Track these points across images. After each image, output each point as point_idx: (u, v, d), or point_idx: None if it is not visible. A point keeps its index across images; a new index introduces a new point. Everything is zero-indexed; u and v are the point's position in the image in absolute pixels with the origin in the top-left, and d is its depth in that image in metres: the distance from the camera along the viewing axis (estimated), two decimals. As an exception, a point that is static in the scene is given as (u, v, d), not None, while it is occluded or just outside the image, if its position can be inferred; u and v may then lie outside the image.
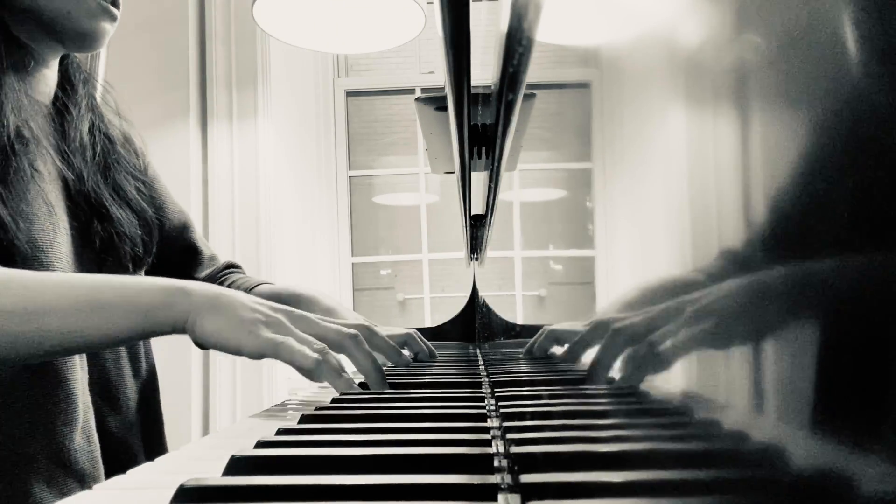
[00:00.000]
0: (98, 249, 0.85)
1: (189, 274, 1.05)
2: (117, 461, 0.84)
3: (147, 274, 0.94)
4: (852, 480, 0.09)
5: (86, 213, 0.85)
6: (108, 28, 0.86)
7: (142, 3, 2.11)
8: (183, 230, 1.06)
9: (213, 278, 1.07)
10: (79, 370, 0.79)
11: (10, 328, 0.61)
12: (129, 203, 0.91)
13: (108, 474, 0.80)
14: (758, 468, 0.13)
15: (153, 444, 0.93)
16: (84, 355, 0.80)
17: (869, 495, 0.09)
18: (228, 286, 1.04)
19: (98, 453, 0.81)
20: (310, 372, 0.68)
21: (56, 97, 0.89)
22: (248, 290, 1.03)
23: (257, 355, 0.67)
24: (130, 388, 0.89)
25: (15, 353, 0.62)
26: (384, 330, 0.96)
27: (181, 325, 0.66)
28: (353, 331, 0.75)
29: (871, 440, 0.09)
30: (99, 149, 0.91)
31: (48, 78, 0.88)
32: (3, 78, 0.78)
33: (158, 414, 0.96)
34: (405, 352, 1.01)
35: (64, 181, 0.83)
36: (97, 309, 0.63)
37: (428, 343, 1.09)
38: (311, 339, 0.70)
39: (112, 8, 0.85)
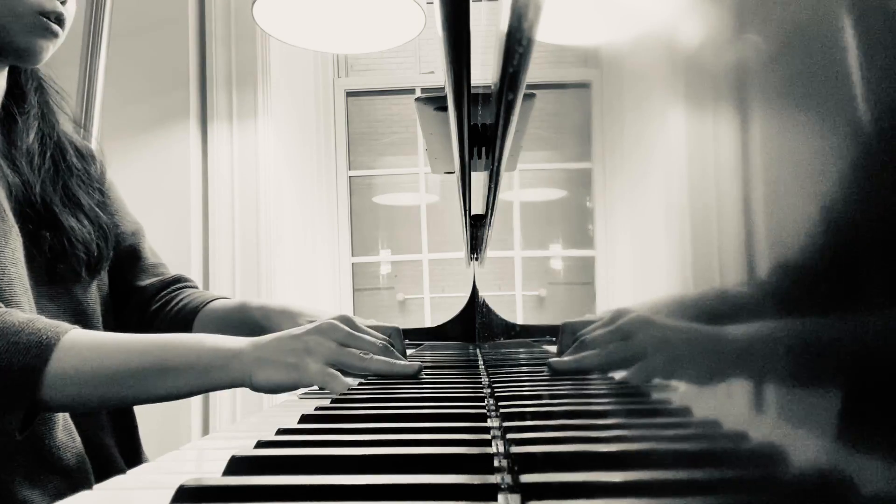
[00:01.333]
0: (49, 257, 0.85)
1: (130, 280, 1.02)
2: (94, 460, 0.84)
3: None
4: (852, 480, 0.09)
5: (34, 220, 0.84)
6: (47, 45, 0.83)
7: (142, 4, 2.11)
8: (130, 236, 1.03)
9: (161, 291, 1.04)
10: None
11: (95, 390, 0.70)
12: (83, 210, 0.91)
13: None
14: (758, 468, 0.13)
15: (127, 446, 0.93)
16: None
17: (869, 495, 0.09)
18: (179, 304, 1.02)
19: (82, 449, 0.82)
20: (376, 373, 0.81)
21: (4, 105, 0.88)
22: (202, 306, 1.01)
23: (313, 385, 0.78)
24: None
25: (92, 405, 0.73)
26: (365, 322, 0.96)
27: (238, 383, 0.75)
28: (379, 342, 0.83)
29: (872, 440, 0.09)
30: (48, 157, 0.90)
31: None
32: None
33: (131, 415, 0.96)
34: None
35: (10, 188, 0.83)
36: (163, 373, 0.72)
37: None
38: (351, 350, 0.79)
39: (54, 25, 0.82)
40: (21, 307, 0.77)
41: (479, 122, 0.93)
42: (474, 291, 2.10)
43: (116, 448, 0.90)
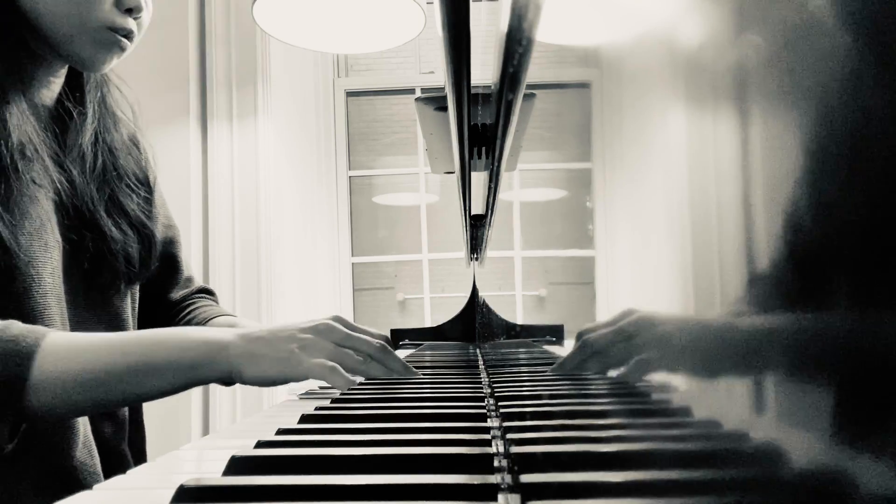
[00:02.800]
0: (88, 265, 0.84)
1: (163, 291, 1.02)
2: (112, 472, 0.83)
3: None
4: (852, 480, 0.09)
5: (77, 227, 0.83)
6: (111, 58, 0.82)
7: (142, 3, 2.10)
8: (169, 244, 1.02)
9: (181, 303, 1.04)
10: None
11: (80, 394, 0.68)
12: (129, 218, 0.89)
13: None
14: (758, 468, 0.13)
15: (137, 452, 0.93)
16: None
17: (869, 495, 0.09)
18: (189, 314, 1.02)
19: (99, 468, 0.81)
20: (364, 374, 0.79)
21: (60, 100, 0.86)
22: (206, 322, 1.00)
23: (304, 379, 0.76)
24: None
25: (77, 412, 0.70)
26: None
27: (226, 377, 0.74)
28: (377, 342, 0.82)
29: (872, 440, 0.09)
30: (100, 160, 0.88)
31: (54, 84, 0.85)
32: (9, 91, 0.76)
33: (142, 422, 0.95)
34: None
35: (58, 192, 0.81)
36: (149, 371, 0.70)
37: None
38: (348, 351, 0.78)
39: (122, 40, 0.81)
40: (52, 320, 0.76)
41: (479, 122, 0.93)
42: (474, 291, 2.10)
43: (129, 452, 0.90)
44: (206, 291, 1.09)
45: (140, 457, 0.94)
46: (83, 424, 0.79)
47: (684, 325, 0.17)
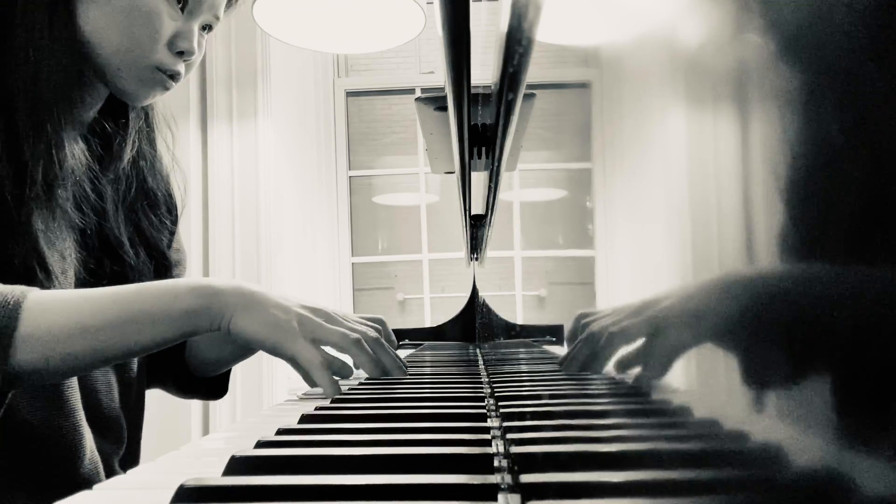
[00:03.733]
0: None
1: None
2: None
3: None
4: (852, 480, 0.09)
5: (95, 248, 0.82)
6: (154, 95, 0.82)
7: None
8: (175, 267, 1.00)
9: None
10: (79, 401, 0.77)
11: (72, 346, 0.65)
12: (150, 248, 0.89)
13: None
14: (758, 468, 0.13)
15: (128, 460, 0.92)
16: (78, 385, 0.78)
17: (869, 495, 0.09)
18: None
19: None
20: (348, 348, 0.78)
21: (101, 119, 0.85)
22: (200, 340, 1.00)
23: (292, 356, 0.73)
24: (121, 417, 0.87)
25: (71, 366, 0.66)
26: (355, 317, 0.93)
27: (217, 325, 0.70)
28: (373, 332, 0.81)
29: (872, 440, 0.09)
30: (134, 187, 0.87)
31: (97, 103, 0.84)
32: (63, 118, 0.75)
33: (138, 447, 0.94)
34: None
35: (83, 211, 0.80)
36: (144, 319, 0.67)
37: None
38: (345, 332, 0.77)
39: (168, 81, 0.81)
40: None
41: (479, 122, 0.93)
42: (474, 291, 2.11)
43: (122, 471, 0.90)
44: None
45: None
46: (89, 440, 0.78)
47: (683, 324, 0.17)
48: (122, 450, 0.88)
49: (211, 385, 1.02)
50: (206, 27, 0.85)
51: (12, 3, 0.75)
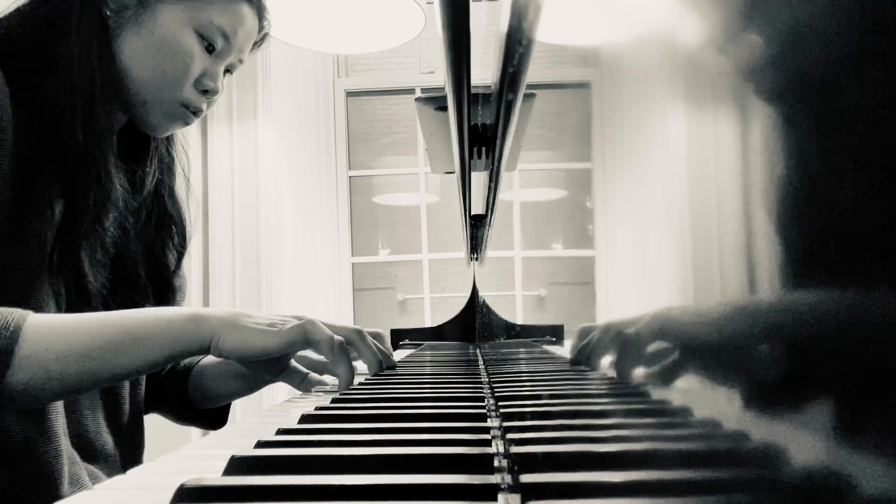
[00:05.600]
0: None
1: None
2: None
3: None
4: (852, 480, 0.09)
5: (109, 270, 0.83)
6: (173, 129, 0.85)
7: (142, 3, 2.10)
8: (175, 293, 1.01)
9: None
10: (62, 426, 0.78)
11: (67, 368, 0.66)
12: (159, 275, 0.90)
13: None
14: (758, 468, 0.13)
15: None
16: (63, 410, 0.79)
17: (869, 495, 0.09)
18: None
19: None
20: (348, 335, 0.80)
21: (123, 146, 0.86)
22: (195, 363, 1.01)
23: (286, 347, 0.75)
24: (108, 443, 0.87)
25: (70, 388, 0.68)
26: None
27: (206, 347, 0.73)
28: (352, 327, 0.83)
29: (872, 440, 0.09)
30: (155, 215, 0.89)
31: (119, 125, 0.85)
32: (109, 150, 0.77)
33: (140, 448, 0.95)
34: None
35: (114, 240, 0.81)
36: (136, 343, 0.70)
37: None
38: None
39: (190, 117, 0.84)
40: None
41: (479, 122, 0.93)
42: (474, 291, 2.11)
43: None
44: None
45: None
46: (71, 464, 0.78)
47: (684, 325, 0.17)
48: (117, 471, 0.88)
49: (209, 415, 1.03)
50: (229, 70, 0.88)
51: (64, 34, 0.76)
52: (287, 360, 0.87)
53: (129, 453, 0.91)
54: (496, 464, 0.40)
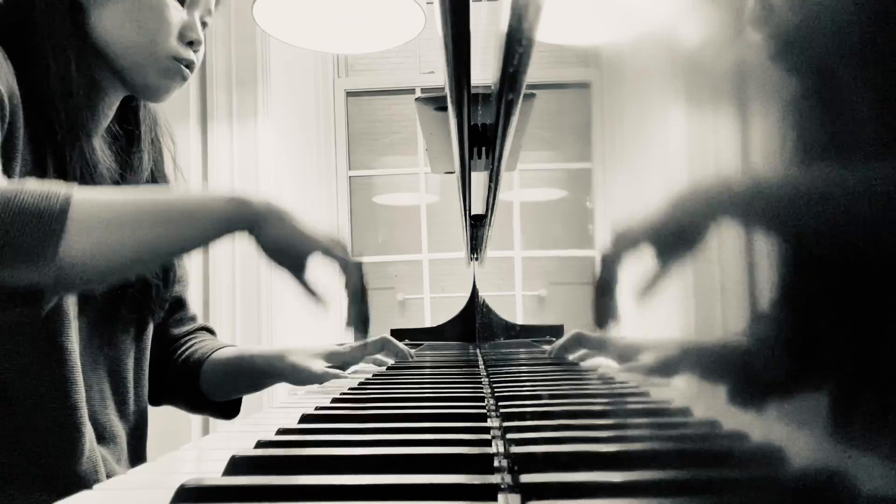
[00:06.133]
0: (122, 302, 0.85)
1: (167, 326, 1.03)
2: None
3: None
4: (852, 480, 0.09)
5: None
6: (175, 87, 0.86)
7: (142, 3, 2.10)
8: (178, 283, 1.04)
9: (182, 338, 1.06)
10: (83, 399, 0.78)
11: (118, 238, 0.66)
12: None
13: None
14: (757, 468, 0.13)
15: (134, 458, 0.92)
16: (83, 385, 0.79)
17: (869, 495, 0.09)
18: (186, 353, 1.03)
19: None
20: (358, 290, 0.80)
21: (112, 130, 0.88)
22: (207, 357, 1.02)
23: (324, 250, 0.77)
24: (117, 426, 0.88)
25: (120, 263, 0.66)
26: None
27: (248, 228, 0.73)
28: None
29: (872, 440, 0.09)
30: None
31: (108, 116, 0.87)
32: (90, 126, 0.78)
33: (143, 458, 0.95)
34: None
35: None
36: (185, 215, 0.70)
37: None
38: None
39: (185, 70, 0.85)
40: (72, 352, 0.77)
41: (479, 122, 0.93)
42: (474, 291, 2.10)
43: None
44: (207, 329, 1.10)
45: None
46: (90, 439, 0.78)
47: (684, 324, 0.17)
48: (123, 456, 0.89)
49: (221, 406, 1.04)
50: (204, 23, 0.89)
51: (31, 15, 0.78)
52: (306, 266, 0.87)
53: (133, 438, 0.92)
54: (496, 464, 0.40)
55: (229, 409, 1.05)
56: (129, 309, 0.88)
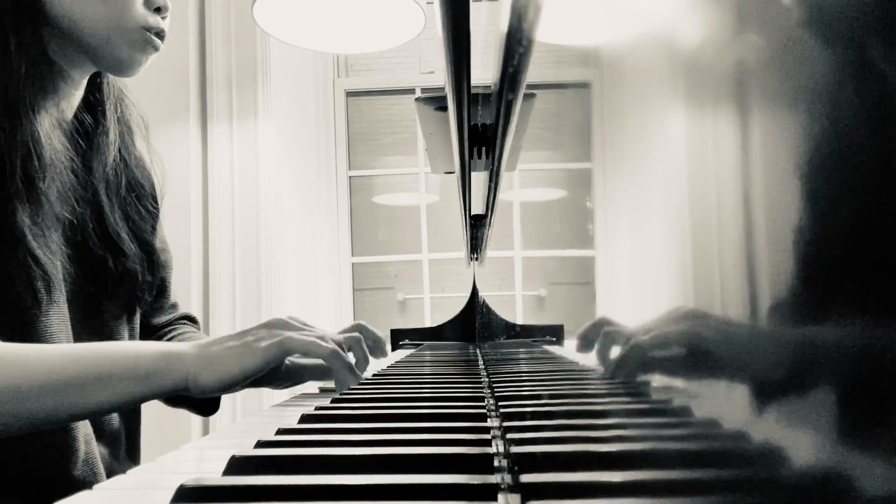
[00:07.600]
0: (107, 290, 0.83)
1: (147, 316, 0.99)
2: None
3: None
4: (852, 480, 0.09)
5: (90, 251, 0.81)
6: (146, 59, 0.84)
7: (142, 3, 2.10)
8: (162, 268, 1.00)
9: (163, 328, 1.03)
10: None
11: (27, 405, 0.63)
12: (141, 241, 0.89)
13: None
14: (758, 468, 0.13)
15: (129, 456, 0.92)
16: None
17: (869, 495, 0.09)
18: (169, 340, 1.00)
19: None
20: (326, 358, 0.76)
21: (79, 114, 0.86)
22: None
23: (265, 364, 0.72)
24: (114, 418, 0.87)
25: (32, 424, 0.64)
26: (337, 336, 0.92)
27: (182, 386, 0.70)
28: (330, 347, 0.79)
29: (872, 440, 0.09)
30: (123, 180, 0.88)
31: (74, 97, 0.85)
32: (37, 105, 0.76)
33: (138, 449, 0.94)
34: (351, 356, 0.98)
35: (73, 212, 0.79)
36: (101, 381, 0.66)
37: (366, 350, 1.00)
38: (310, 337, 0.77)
39: (155, 40, 0.83)
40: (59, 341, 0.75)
41: (479, 122, 0.93)
42: (474, 291, 2.10)
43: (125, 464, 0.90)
44: (189, 319, 1.08)
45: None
46: (84, 443, 0.78)
47: (684, 325, 0.17)
48: (121, 451, 0.88)
49: (197, 402, 1.01)
50: None
51: None
52: (279, 370, 0.86)
53: (127, 430, 0.91)
54: (496, 464, 0.40)
55: (207, 406, 1.02)
56: (116, 302, 0.86)
